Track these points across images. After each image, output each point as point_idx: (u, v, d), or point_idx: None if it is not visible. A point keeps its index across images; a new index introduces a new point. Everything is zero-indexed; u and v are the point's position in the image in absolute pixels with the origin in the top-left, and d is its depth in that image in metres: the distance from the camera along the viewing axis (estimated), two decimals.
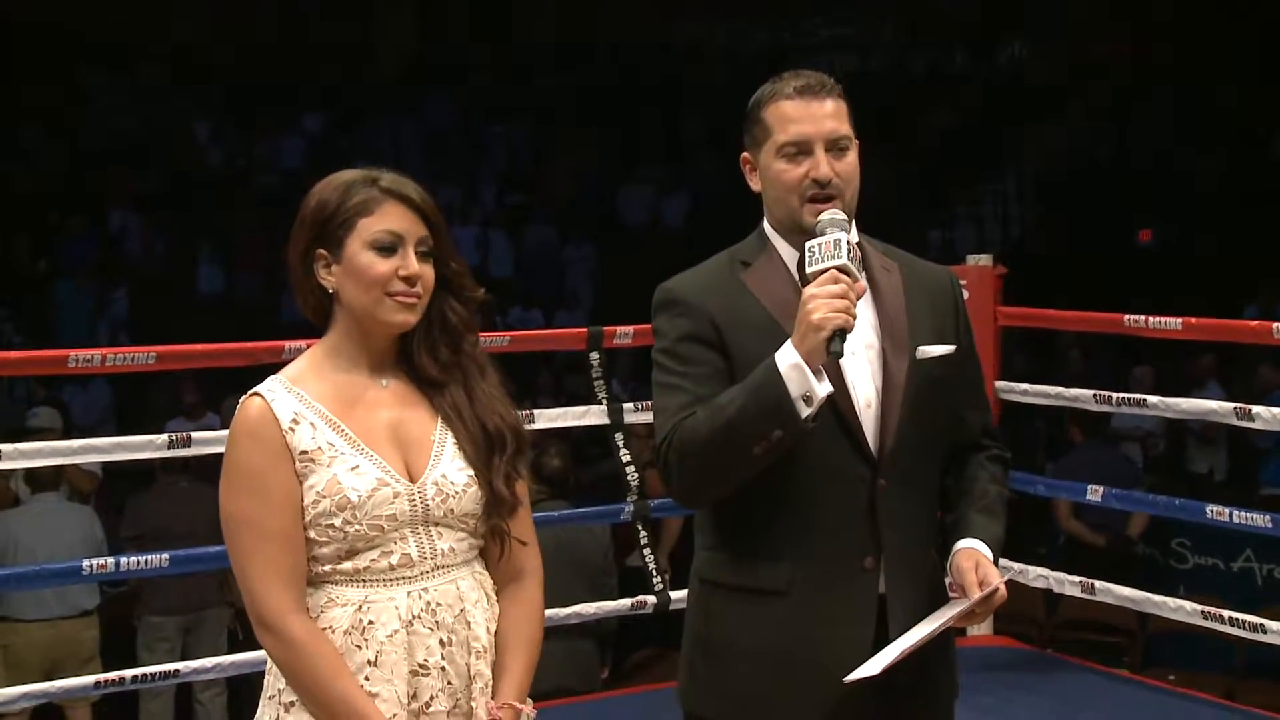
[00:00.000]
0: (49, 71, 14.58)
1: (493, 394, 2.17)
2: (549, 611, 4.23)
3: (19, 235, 13.05)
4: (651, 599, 4.47)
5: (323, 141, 14.91)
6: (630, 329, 4.50)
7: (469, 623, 2.11)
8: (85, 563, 3.89)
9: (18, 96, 14.28)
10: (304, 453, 2.05)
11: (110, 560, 3.82)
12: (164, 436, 3.82)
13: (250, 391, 2.10)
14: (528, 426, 4.31)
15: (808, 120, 2.34)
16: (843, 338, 2.15)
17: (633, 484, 4.44)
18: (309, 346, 2.24)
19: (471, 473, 2.11)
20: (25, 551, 5.78)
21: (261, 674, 2.22)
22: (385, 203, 2.08)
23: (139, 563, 3.83)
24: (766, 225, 2.45)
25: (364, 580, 2.06)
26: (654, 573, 4.47)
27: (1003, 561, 2.93)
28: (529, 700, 2.17)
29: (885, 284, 2.39)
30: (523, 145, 15.51)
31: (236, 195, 13.99)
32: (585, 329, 4.50)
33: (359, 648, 2.04)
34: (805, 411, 2.17)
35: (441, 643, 2.08)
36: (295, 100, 15.40)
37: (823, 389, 2.17)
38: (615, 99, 15.67)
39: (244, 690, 6.12)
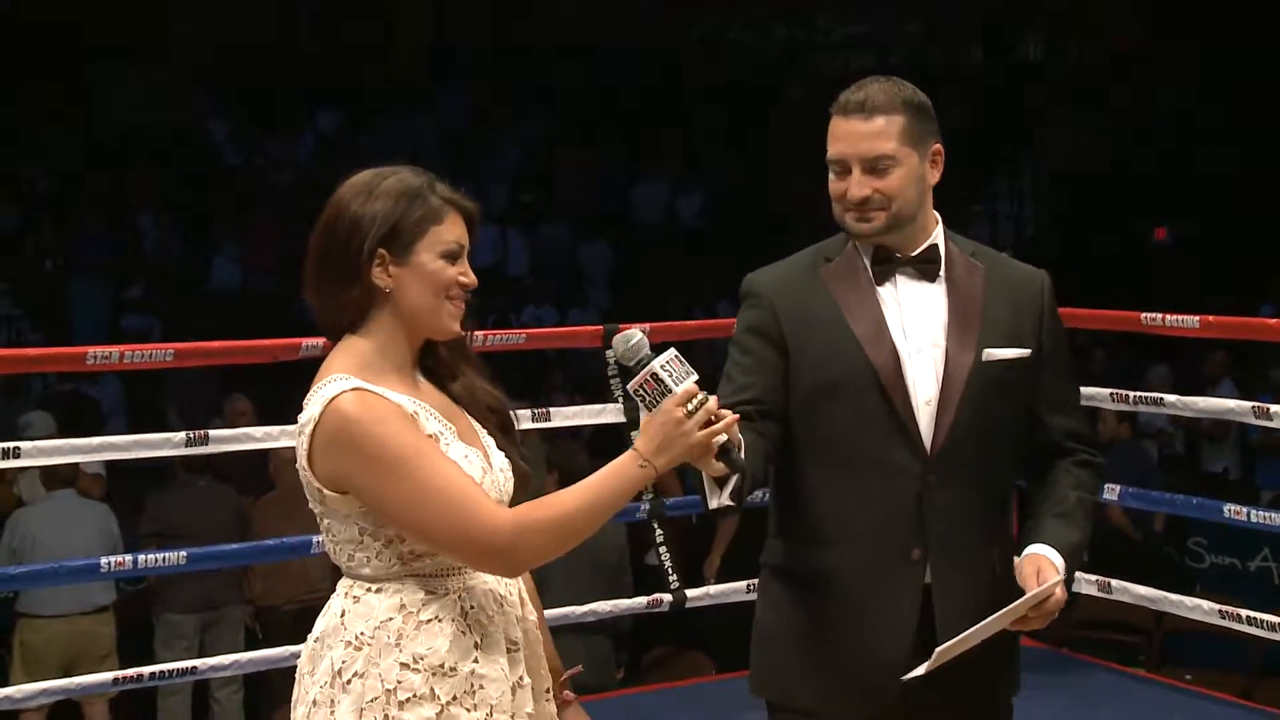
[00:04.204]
0: (64, 71, 14.61)
1: (487, 379, 2.27)
2: (566, 610, 4.26)
3: (34, 233, 13.09)
4: (667, 597, 4.47)
5: (337, 140, 14.92)
6: (646, 327, 4.49)
7: (522, 600, 2.22)
8: (104, 560, 3.91)
9: (34, 96, 14.32)
10: (430, 436, 2.10)
11: (128, 558, 3.84)
12: (181, 434, 3.84)
13: (347, 388, 2.07)
14: (544, 424, 4.36)
15: (846, 140, 2.41)
16: (727, 449, 2.11)
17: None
18: (325, 345, 2.25)
19: (504, 455, 2.22)
20: (43, 548, 5.79)
21: (279, 671, 2.23)
22: (451, 212, 2.16)
23: (157, 560, 3.85)
24: None
25: (454, 570, 2.11)
26: (669, 571, 4.47)
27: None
28: None
29: (965, 285, 2.45)
30: (537, 143, 15.51)
31: (252, 193, 14.02)
32: (601, 326, 4.50)
33: (464, 633, 2.09)
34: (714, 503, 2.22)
35: (515, 620, 2.17)
36: (310, 99, 15.42)
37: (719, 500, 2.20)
38: (630, 97, 15.67)
39: (261, 688, 6.14)
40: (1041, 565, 2.34)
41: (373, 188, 2.15)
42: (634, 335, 2.11)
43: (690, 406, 2.04)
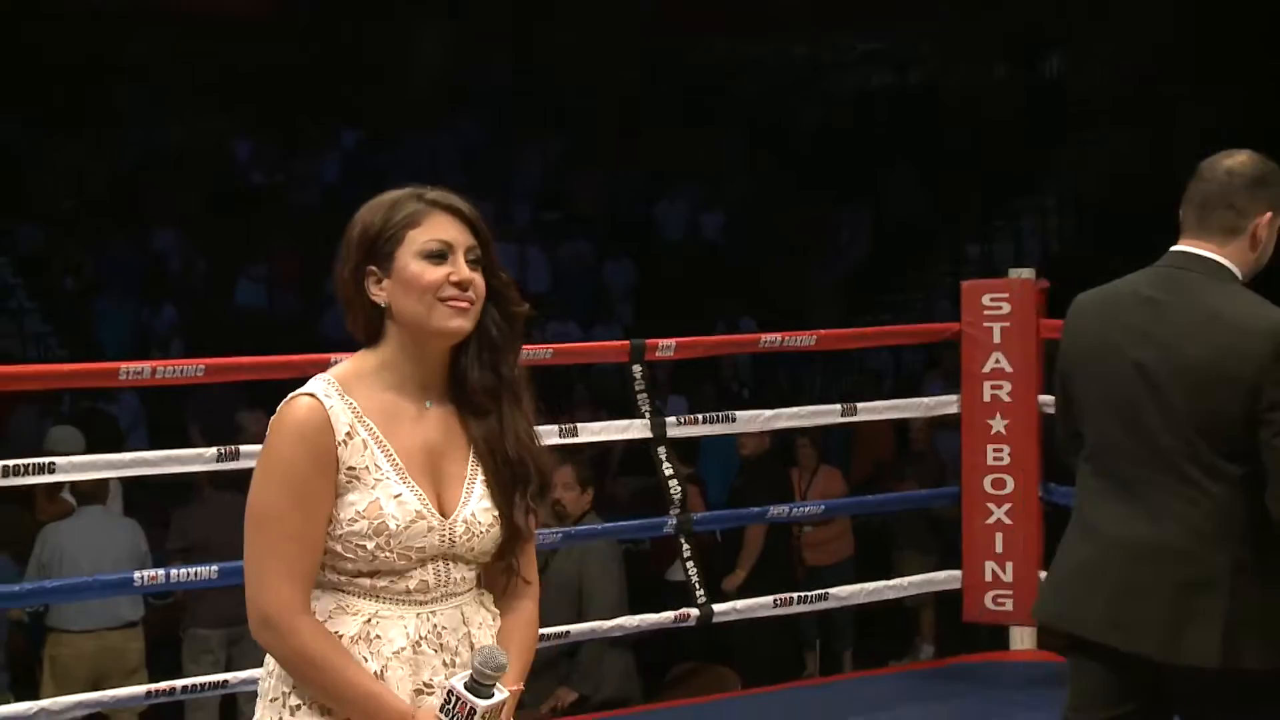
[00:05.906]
0: (89, 92, 14.74)
1: (524, 424, 2.17)
2: (595, 624, 4.28)
3: (60, 252, 13.19)
4: (694, 612, 4.47)
5: (360, 158, 15.01)
6: (672, 342, 4.51)
7: (473, 644, 2.14)
8: (136, 574, 3.95)
9: (59, 117, 14.44)
10: (351, 468, 2.07)
11: (161, 572, 3.87)
12: (213, 450, 3.88)
13: (301, 390, 2.10)
14: (570, 440, 4.36)
15: None
16: None
17: (675, 498, 4.45)
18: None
19: (496, 513, 2.14)
20: (70, 563, 5.82)
21: None
22: (432, 213, 2.10)
23: (189, 574, 3.88)
24: (1232, 266, 3.03)
25: (378, 596, 2.10)
26: (697, 586, 4.48)
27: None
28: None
29: None
30: (559, 161, 15.56)
31: (275, 212, 14.10)
32: (627, 341, 4.51)
33: (365, 659, 2.07)
34: None
35: (445, 664, 2.11)
36: (332, 117, 15.51)
37: None
38: (652, 114, 15.71)
39: None
40: None
41: (364, 210, 2.14)
42: (500, 660, 2.06)
43: None
